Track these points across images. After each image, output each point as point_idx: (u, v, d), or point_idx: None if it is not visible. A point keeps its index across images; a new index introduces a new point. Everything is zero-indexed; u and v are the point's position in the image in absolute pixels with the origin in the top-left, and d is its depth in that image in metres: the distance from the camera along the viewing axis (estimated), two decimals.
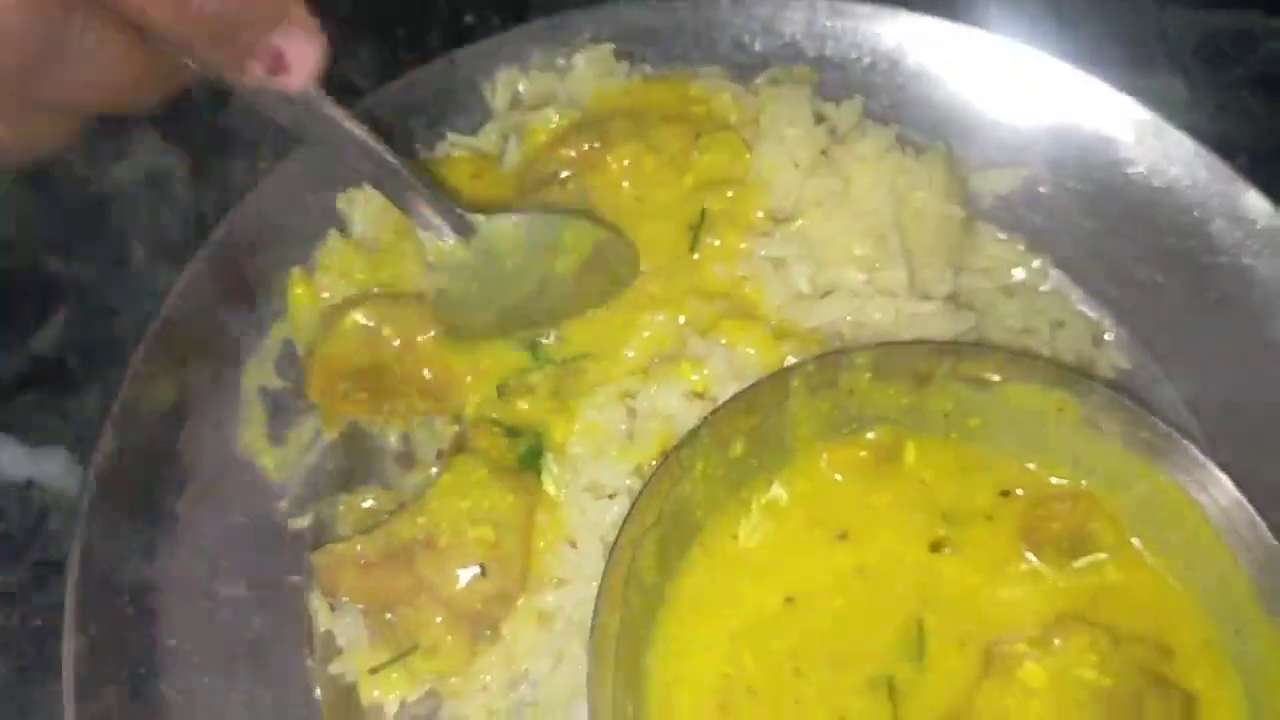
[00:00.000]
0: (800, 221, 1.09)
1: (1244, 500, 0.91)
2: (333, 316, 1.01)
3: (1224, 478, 0.92)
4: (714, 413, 0.95)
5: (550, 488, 0.95)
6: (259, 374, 1.04)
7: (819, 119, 1.14)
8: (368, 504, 1.02)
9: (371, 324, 1.00)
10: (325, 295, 1.03)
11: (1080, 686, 0.91)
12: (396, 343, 0.99)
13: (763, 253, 1.06)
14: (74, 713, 0.87)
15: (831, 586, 0.97)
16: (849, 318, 1.06)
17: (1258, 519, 0.91)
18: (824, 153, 1.12)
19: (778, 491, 1.01)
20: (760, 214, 1.09)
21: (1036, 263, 1.16)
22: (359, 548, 0.94)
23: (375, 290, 1.03)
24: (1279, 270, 1.11)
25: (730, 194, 1.10)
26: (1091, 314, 1.14)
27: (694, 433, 0.94)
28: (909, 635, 0.95)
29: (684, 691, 0.92)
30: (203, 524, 0.98)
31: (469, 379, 0.99)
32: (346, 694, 0.95)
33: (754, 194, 1.10)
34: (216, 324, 1.05)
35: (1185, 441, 0.94)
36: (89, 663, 0.90)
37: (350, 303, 1.02)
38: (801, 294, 1.06)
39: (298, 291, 1.04)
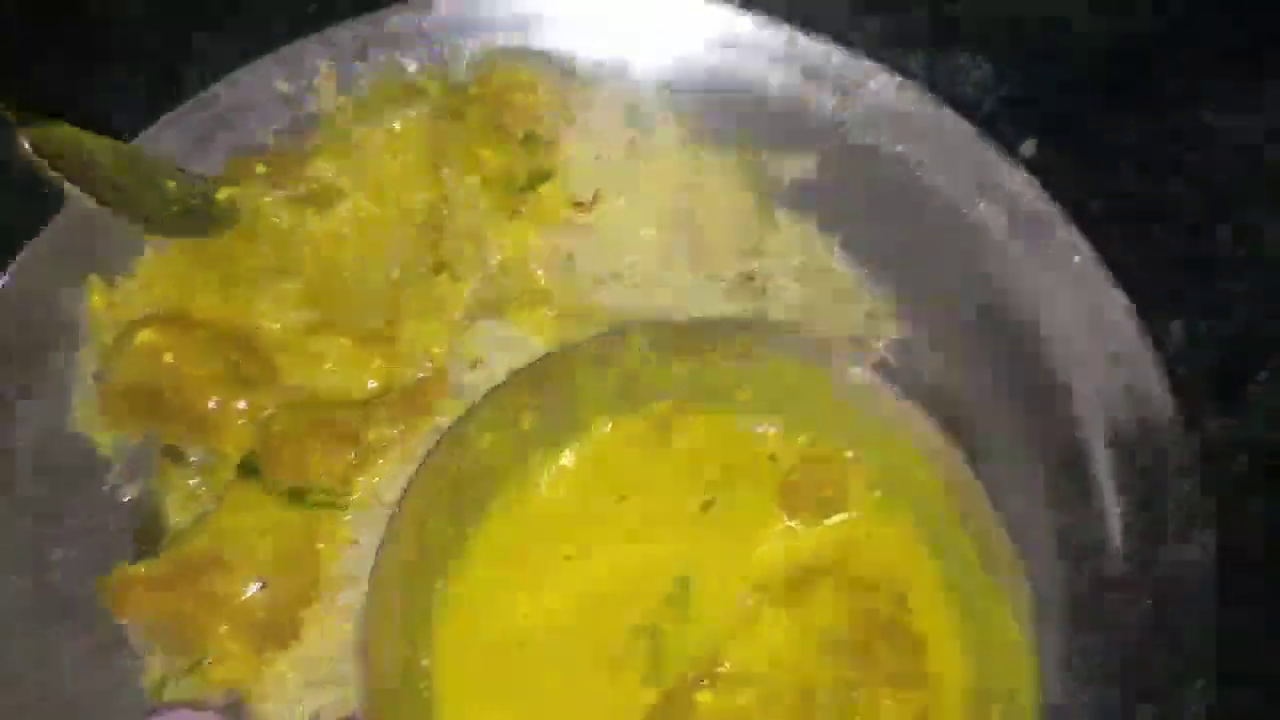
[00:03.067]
0: (598, 209, 1.18)
1: (969, 470, 1.03)
2: (127, 330, 1.07)
3: (954, 449, 1.03)
4: (496, 389, 1.04)
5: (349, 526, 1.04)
6: (92, 360, 1.12)
7: (631, 109, 1.22)
8: (192, 482, 1.11)
9: (155, 347, 1.04)
10: (123, 308, 1.10)
11: (819, 633, 1.02)
12: (175, 372, 1.04)
13: (555, 242, 1.14)
14: None
15: (609, 544, 1.08)
16: (637, 301, 1.15)
17: (979, 485, 1.03)
18: (631, 143, 1.20)
19: (568, 459, 1.11)
20: (564, 206, 1.18)
21: (823, 243, 1.25)
22: (144, 570, 1.00)
23: (173, 313, 1.09)
24: (1037, 246, 1.21)
25: (542, 190, 1.18)
26: (874, 290, 1.24)
27: (476, 408, 1.04)
28: (676, 588, 1.06)
29: (472, 636, 1.04)
30: (36, 495, 1.07)
31: (240, 423, 1.06)
32: None
33: (560, 186, 1.19)
34: (53, 309, 1.13)
35: (922, 412, 1.05)
36: None
37: (143, 321, 1.07)
38: (596, 278, 1.16)
39: (94, 299, 1.10)
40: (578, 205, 1.20)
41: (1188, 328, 1.29)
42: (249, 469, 1.06)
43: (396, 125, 1.22)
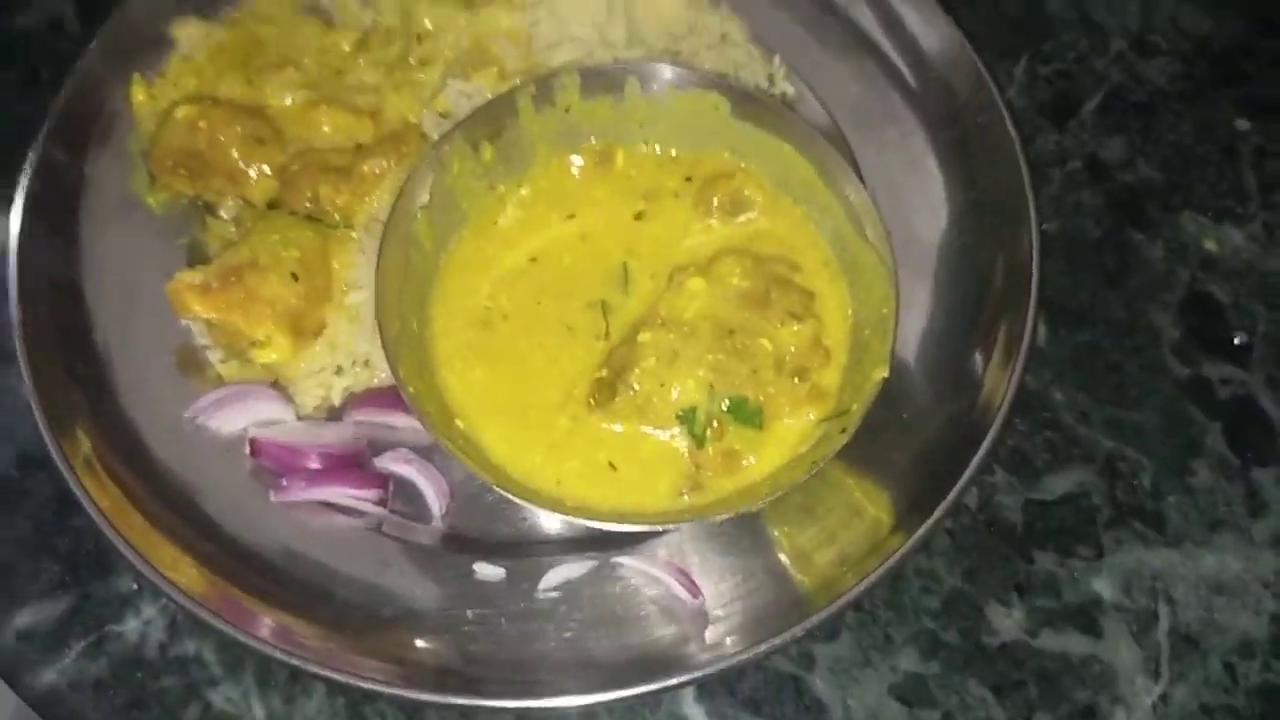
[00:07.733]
0: None
1: (840, 157, 1.30)
2: (168, 111, 1.37)
3: (827, 143, 1.31)
4: (459, 122, 1.33)
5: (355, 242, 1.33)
6: (139, 141, 1.41)
7: None
8: (231, 230, 1.40)
9: (192, 118, 1.34)
10: (160, 100, 1.41)
11: (728, 288, 1.30)
12: (208, 135, 1.34)
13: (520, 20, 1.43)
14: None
15: (563, 248, 1.36)
16: (579, 60, 1.43)
17: (847, 167, 1.30)
18: None
19: (525, 190, 1.40)
20: None
21: (733, 24, 1.54)
22: (200, 277, 1.28)
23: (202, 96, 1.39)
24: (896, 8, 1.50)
25: None
26: (771, 60, 1.53)
27: (447, 134, 1.32)
28: (618, 274, 1.34)
29: (457, 317, 1.31)
30: (111, 237, 1.36)
31: (262, 175, 1.35)
32: None
33: None
34: (105, 105, 1.42)
35: (800, 118, 1.33)
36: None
37: (179, 101, 1.38)
38: (548, 44, 1.44)
39: (138, 96, 1.40)
40: None
41: (1028, 70, 1.57)
42: (273, 205, 1.35)
43: None
